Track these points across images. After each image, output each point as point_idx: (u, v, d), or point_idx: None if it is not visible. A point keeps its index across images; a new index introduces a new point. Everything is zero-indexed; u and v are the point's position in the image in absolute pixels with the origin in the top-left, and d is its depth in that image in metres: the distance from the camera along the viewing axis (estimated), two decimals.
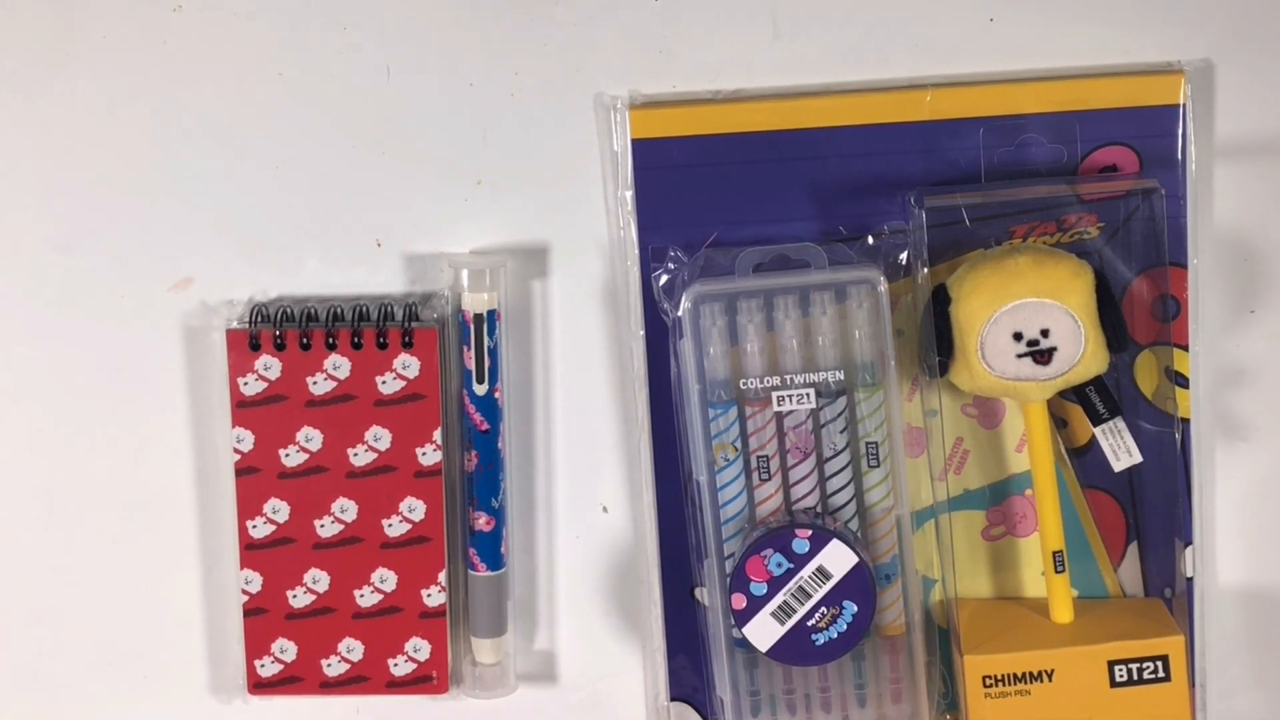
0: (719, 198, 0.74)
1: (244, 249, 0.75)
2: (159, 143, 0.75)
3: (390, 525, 0.74)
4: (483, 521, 0.74)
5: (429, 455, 0.74)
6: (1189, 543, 0.74)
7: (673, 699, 0.76)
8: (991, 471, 0.75)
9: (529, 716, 0.77)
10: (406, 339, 0.73)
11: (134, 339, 0.76)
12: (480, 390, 0.73)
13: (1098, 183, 0.73)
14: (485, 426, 0.74)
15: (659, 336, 0.74)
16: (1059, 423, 0.74)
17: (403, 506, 0.74)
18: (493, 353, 0.73)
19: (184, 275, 0.76)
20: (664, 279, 0.74)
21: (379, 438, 0.74)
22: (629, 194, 0.74)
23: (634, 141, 0.73)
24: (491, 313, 0.73)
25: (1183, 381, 0.73)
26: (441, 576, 0.74)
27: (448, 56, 0.75)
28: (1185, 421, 0.73)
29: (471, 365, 0.73)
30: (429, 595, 0.74)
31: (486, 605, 0.75)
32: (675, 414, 0.74)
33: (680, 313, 0.72)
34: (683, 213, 0.74)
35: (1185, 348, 0.74)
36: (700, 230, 0.74)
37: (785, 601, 0.71)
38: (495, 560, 0.75)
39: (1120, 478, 0.74)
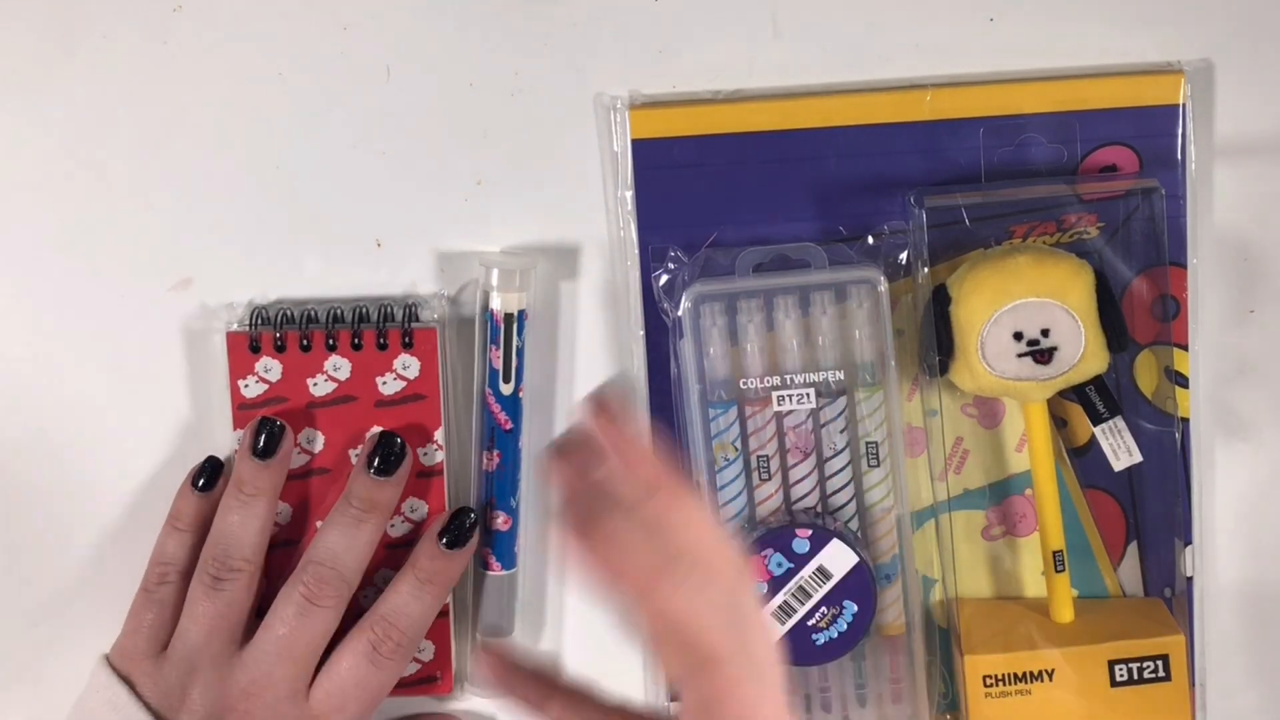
0: (719, 198, 0.74)
1: (244, 250, 0.75)
2: (159, 143, 0.75)
3: (393, 526, 0.74)
4: (501, 521, 0.74)
5: (430, 455, 0.73)
6: (1189, 542, 0.74)
7: (673, 699, 0.76)
8: (991, 471, 0.75)
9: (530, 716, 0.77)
10: (406, 339, 0.73)
11: (134, 341, 0.76)
12: (506, 390, 0.73)
13: (1098, 182, 0.73)
14: (510, 426, 0.73)
15: (659, 336, 0.74)
16: (1059, 422, 0.74)
17: (405, 507, 0.74)
18: (520, 352, 0.73)
19: (184, 276, 0.75)
20: (664, 279, 0.74)
21: None
22: (629, 194, 0.74)
23: (634, 141, 0.73)
24: (521, 313, 0.73)
25: (1183, 381, 0.73)
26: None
27: (448, 56, 0.75)
28: (1185, 421, 0.73)
29: (499, 364, 0.73)
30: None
31: (497, 604, 0.74)
32: (675, 414, 0.74)
33: (680, 313, 0.72)
34: (683, 213, 0.74)
35: (1185, 347, 0.74)
36: (700, 230, 0.74)
37: (785, 601, 0.71)
38: (510, 559, 0.74)
39: (1120, 477, 0.74)
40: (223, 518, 0.71)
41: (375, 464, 0.71)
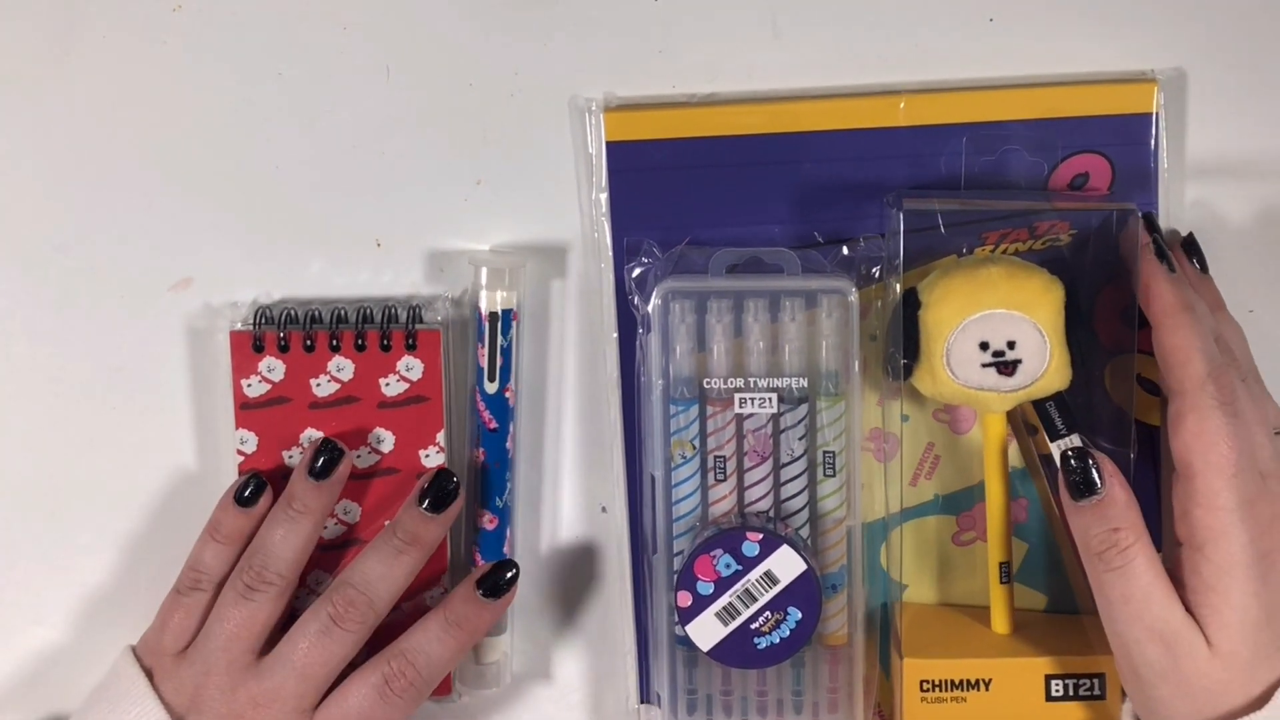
0: (694, 200, 0.74)
1: (244, 250, 0.75)
2: (159, 142, 0.75)
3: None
4: (486, 520, 0.75)
5: (432, 457, 0.74)
6: (1160, 549, 0.73)
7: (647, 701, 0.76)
8: (962, 477, 0.75)
9: (526, 715, 0.78)
10: (410, 341, 0.73)
11: (136, 340, 0.76)
12: (491, 389, 0.74)
13: (1076, 201, 0.73)
14: (494, 425, 0.74)
15: (634, 335, 0.74)
16: (1030, 429, 0.74)
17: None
18: (505, 351, 0.74)
19: (184, 276, 0.75)
20: (637, 271, 0.74)
21: (382, 440, 0.74)
22: (603, 196, 0.74)
23: (608, 144, 0.74)
24: (507, 312, 0.74)
25: (1153, 389, 0.73)
26: (444, 578, 0.75)
27: (448, 56, 0.74)
28: (1156, 429, 0.74)
29: (484, 363, 0.74)
30: (432, 597, 0.75)
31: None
32: (636, 408, 0.74)
33: (650, 308, 0.72)
34: (658, 215, 0.74)
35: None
36: (675, 233, 0.74)
37: (730, 603, 0.71)
38: (497, 558, 0.75)
39: None
40: (268, 530, 0.72)
41: (427, 500, 0.72)
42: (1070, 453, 0.67)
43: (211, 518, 0.73)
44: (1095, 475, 0.67)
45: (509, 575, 0.72)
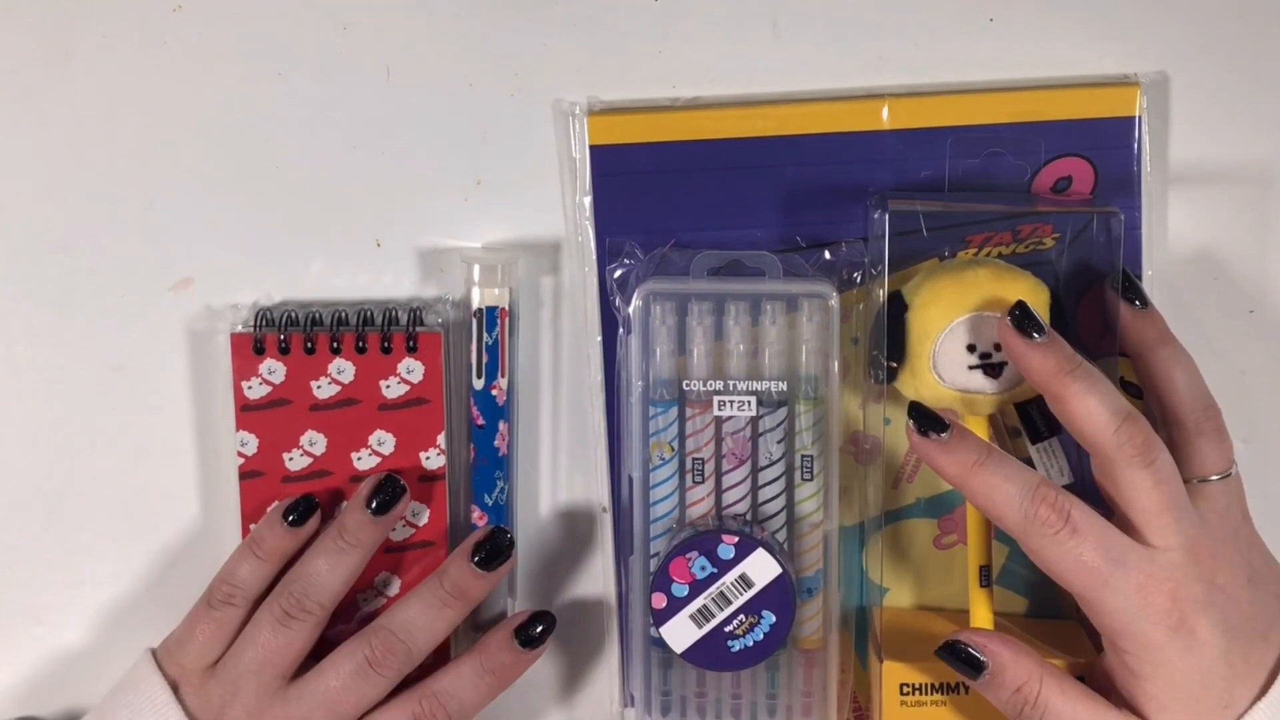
0: (678, 204, 0.74)
1: (244, 251, 0.75)
2: (159, 143, 0.74)
3: (394, 530, 0.74)
4: (476, 516, 0.75)
5: (432, 460, 0.74)
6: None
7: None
8: (944, 480, 0.74)
9: (526, 714, 0.78)
10: (411, 343, 0.74)
11: (137, 341, 0.75)
12: (478, 385, 0.74)
13: (1059, 205, 0.74)
14: (481, 422, 0.74)
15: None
16: (1013, 431, 0.75)
17: (406, 511, 0.74)
18: (490, 349, 0.74)
19: (184, 276, 0.75)
20: (618, 273, 0.74)
21: (383, 442, 0.74)
22: (587, 200, 0.74)
23: (592, 148, 0.74)
24: (493, 309, 0.74)
25: (1136, 391, 0.74)
26: None
27: (448, 56, 0.74)
28: None
29: (474, 360, 0.74)
30: None
31: (488, 601, 0.75)
32: (616, 408, 0.74)
33: (630, 309, 0.73)
34: (642, 218, 0.74)
35: None
36: (659, 236, 0.75)
37: (705, 605, 0.71)
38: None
39: (1073, 486, 0.74)
40: (312, 558, 0.71)
41: (479, 556, 0.71)
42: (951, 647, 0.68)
43: (254, 532, 0.72)
44: (978, 657, 0.67)
45: (544, 627, 0.71)
